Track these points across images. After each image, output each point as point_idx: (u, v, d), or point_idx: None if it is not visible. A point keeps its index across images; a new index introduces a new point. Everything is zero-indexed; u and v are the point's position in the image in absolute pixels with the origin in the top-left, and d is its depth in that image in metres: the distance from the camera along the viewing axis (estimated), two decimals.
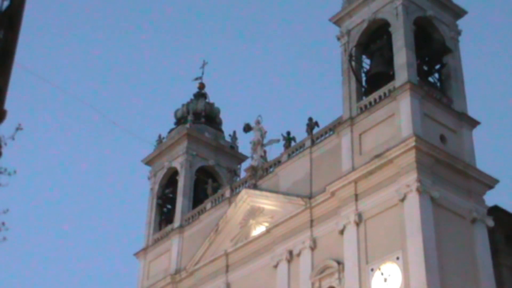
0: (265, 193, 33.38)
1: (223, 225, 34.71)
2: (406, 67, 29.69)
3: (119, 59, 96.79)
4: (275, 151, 34.98)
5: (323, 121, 32.79)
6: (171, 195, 41.06)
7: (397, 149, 27.73)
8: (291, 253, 30.97)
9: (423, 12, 31.85)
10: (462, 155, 29.24)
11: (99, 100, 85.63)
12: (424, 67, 32.56)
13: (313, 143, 32.38)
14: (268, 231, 32.35)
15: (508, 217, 30.54)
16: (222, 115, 43.65)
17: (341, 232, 29.01)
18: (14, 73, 11.76)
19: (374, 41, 32.70)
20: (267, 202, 33.22)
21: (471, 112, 30.86)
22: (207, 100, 43.83)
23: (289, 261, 30.94)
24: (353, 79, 31.87)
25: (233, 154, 41.62)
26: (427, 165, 27.59)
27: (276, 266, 31.43)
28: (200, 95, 43.91)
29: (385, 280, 26.52)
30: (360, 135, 30.07)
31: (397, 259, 26.45)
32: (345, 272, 28.21)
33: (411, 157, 27.35)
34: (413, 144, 27.30)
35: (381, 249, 27.23)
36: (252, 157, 35.93)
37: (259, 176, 34.49)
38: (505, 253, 30.22)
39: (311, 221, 30.73)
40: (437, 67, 32.56)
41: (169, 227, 38.89)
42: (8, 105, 11.57)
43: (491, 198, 29.52)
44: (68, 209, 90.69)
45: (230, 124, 45.94)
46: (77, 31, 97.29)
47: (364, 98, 31.37)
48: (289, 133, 34.23)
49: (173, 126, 42.76)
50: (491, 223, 28.55)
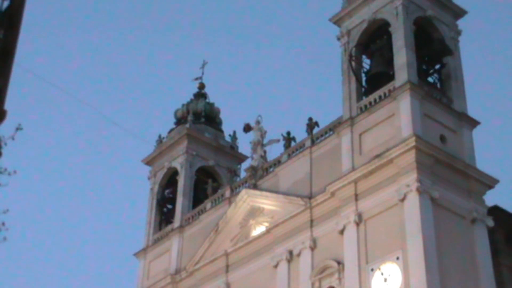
0: (265, 193, 33.36)
1: (223, 225, 34.70)
2: (406, 67, 29.68)
3: (119, 59, 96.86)
4: (275, 151, 35.03)
5: (323, 121, 32.85)
6: (171, 195, 41.07)
7: (397, 149, 27.73)
8: (291, 253, 30.96)
9: (423, 12, 31.84)
10: (462, 155, 29.23)
11: (99, 100, 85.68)
12: (424, 67, 32.56)
13: (313, 143, 32.37)
14: (268, 231, 32.34)
15: (508, 217, 30.52)
16: (222, 115, 43.69)
17: (341, 232, 29.00)
18: (14, 73, 11.76)
19: (374, 41, 32.69)
20: (267, 202, 33.21)
21: (471, 112, 30.89)
22: (207, 100, 43.81)
23: (289, 261, 30.93)
24: (353, 79, 31.87)
25: (233, 154, 41.59)
26: (427, 165, 27.58)
27: (276, 266, 31.42)
28: (200, 95, 43.89)
29: (385, 280, 26.52)
30: (360, 135, 30.06)
31: (397, 259, 26.44)
32: (345, 272, 28.20)
33: (411, 157, 27.34)
34: (413, 144, 27.29)
35: (381, 249, 27.22)
36: (252, 157, 35.92)
37: (259, 176, 34.48)
38: (505, 253, 30.19)
39: (311, 221, 30.72)
40: (437, 67, 32.56)
41: (169, 227, 38.87)
42: (8, 105, 11.57)
43: (491, 198, 29.55)
44: (68, 209, 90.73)
45: (230, 124, 46.02)
46: (77, 31, 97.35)
47: (364, 98, 31.36)
48: (289, 133, 34.22)
49: (173, 126, 42.75)
50: (491, 223, 28.53)
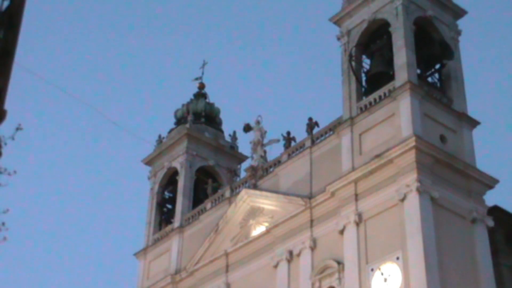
0: (265, 193, 33.36)
1: (223, 225, 34.70)
2: (406, 67, 29.68)
3: (119, 59, 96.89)
4: (275, 151, 35.02)
5: (323, 121, 32.85)
6: (171, 194, 41.07)
7: (397, 149, 27.73)
8: (291, 253, 30.96)
9: (423, 12, 31.82)
10: (462, 155, 29.23)
11: (99, 100, 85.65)
12: (424, 67, 32.55)
13: (313, 143, 32.37)
14: (268, 231, 32.34)
15: (508, 217, 30.52)
16: (222, 115, 43.69)
17: (341, 232, 29.00)
18: (14, 73, 11.76)
19: (374, 41, 32.69)
20: (267, 202, 33.20)
21: (471, 112, 30.89)
22: (207, 100, 43.81)
23: (289, 261, 30.93)
24: (353, 79, 31.86)
25: (233, 154, 41.58)
26: (427, 165, 27.58)
27: (276, 266, 31.41)
28: (200, 95, 43.89)
29: (385, 280, 26.51)
30: (360, 135, 30.05)
31: (397, 259, 26.44)
32: (345, 272, 28.20)
33: (411, 157, 27.34)
34: (413, 144, 27.29)
35: (381, 249, 27.22)
36: (252, 157, 35.93)
37: (259, 176, 34.47)
38: (505, 253, 30.20)
39: (311, 221, 30.71)
40: (437, 67, 32.56)
41: (169, 227, 38.87)
42: (8, 105, 11.56)
43: (491, 198, 29.56)
44: (68, 209, 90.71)
45: (230, 124, 46.03)
46: (77, 31, 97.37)
47: (364, 98, 31.36)
48: (289, 133, 34.22)
49: (173, 126, 42.75)
50: (491, 223, 28.54)
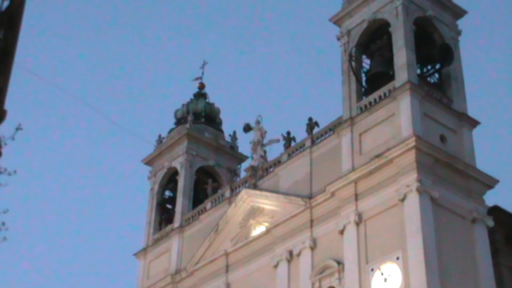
0: (265, 193, 33.36)
1: (223, 225, 34.70)
2: (406, 67, 29.68)
3: (119, 59, 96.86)
4: (275, 151, 35.05)
5: (323, 121, 32.85)
6: (171, 195, 41.08)
7: (397, 149, 27.73)
8: (291, 253, 30.96)
9: (423, 12, 31.83)
10: (462, 155, 29.23)
11: (99, 100, 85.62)
12: (424, 67, 32.55)
13: (313, 143, 32.37)
14: (268, 231, 32.34)
15: (508, 217, 30.53)
16: (222, 115, 43.72)
17: (341, 232, 29.01)
18: (14, 73, 11.77)
19: (374, 41, 32.70)
20: (267, 202, 33.21)
21: (471, 112, 30.89)
22: (207, 100, 43.83)
23: (289, 261, 30.93)
24: (353, 79, 31.86)
25: (233, 154, 41.60)
26: (427, 165, 27.58)
27: (276, 266, 31.42)
28: (200, 95, 43.91)
29: (385, 280, 26.52)
30: (360, 135, 30.05)
31: (397, 259, 26.45)
32: (345, 272, 28.20)
33: (411, 157, 27.34)
34: (413, 144, 27.30)
35: (381, 249, 27.22)
36: (252, 157, 35.95)
37: (259, 176, 34.47)
38: (505, 253, 30.21)
39: (311, 221, 30.72)
40: (437, 67, 32.55)
41: (169, 227, 38.87)
42: (8, 105, 11.59)
43: (491, 198, 29.56)
44: (68, 209, 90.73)
45: (230, 124, 46.06)
46: (77, 31, 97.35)
47: (364, 98, 31.36)
48: (289, 133, 34.23)
49: (173, 126, 42.76)
50: (491, 223, 28.54)
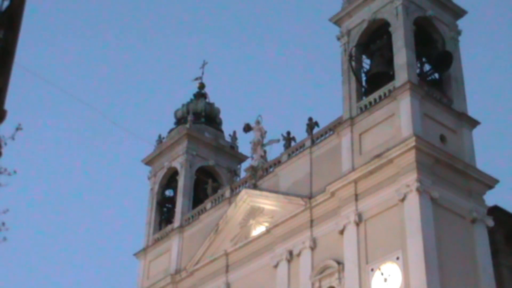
0: (265, 193, 33.36)
1: (223, 225, 34.70)
2: (406, 67, 29.68)
3: (119, 59, 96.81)
4: (275, 151, 35.02)
5: (323, 121, 32.84)
6: (171, 195, 41.09)
7: (397, 149, 27.73)
8: (291, 253, 30.96)
9: (423, 12, 31.83)
10: (462, 155, 29.23)
11: (99, 100, 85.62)
12: (424, 67, 32.55)
13: (313, 143, 32.37)
14: (268, 231, 32.34)
15: (508, 217, 30.52)
16: (222, 115, 43.71)
17: (341, 232, 29.00)
18: (14, 73, 11.77)
19: (374, 41, 32.68)
20: (267, 202, 33.20)
21: (471, 112, 30.88)
22: (207, 100, 43.83)
23: (289, 261, 30.93)
24: (353, 79, 31.86)
25: (233, 154, 41.60)
26: (427, 165, 27.58)
27: (276, 266, 31.42)
28: (200, 95, 43.91)
29: (385, 280, 26.52)
30: (360, 135, 30.06)
31: (397, 259, 26.44)
32: (345, 272, 28.20)
33: (411, 157, 27.34)
34: (413, 144, 27.29)
35: (381, 249, 27.22)
36: (252, 157, 35.94)
37: (259, 176, 34.47)
38: (505, 253, 30.20)
39: (311, 221, 30.72)
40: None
41: (169, 227, 38.88)
42: (8, 105, 11.57)
43: (491, 198, 29.54)
44: (68, 209, 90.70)
45: (230, 124, 45.98)
46: (77, 31, 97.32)
47: (364, 98, 31.36)
48: (289, 133, 34.22)
49: (173, 126, 42.77)
50: (491, 223, 28.53)
